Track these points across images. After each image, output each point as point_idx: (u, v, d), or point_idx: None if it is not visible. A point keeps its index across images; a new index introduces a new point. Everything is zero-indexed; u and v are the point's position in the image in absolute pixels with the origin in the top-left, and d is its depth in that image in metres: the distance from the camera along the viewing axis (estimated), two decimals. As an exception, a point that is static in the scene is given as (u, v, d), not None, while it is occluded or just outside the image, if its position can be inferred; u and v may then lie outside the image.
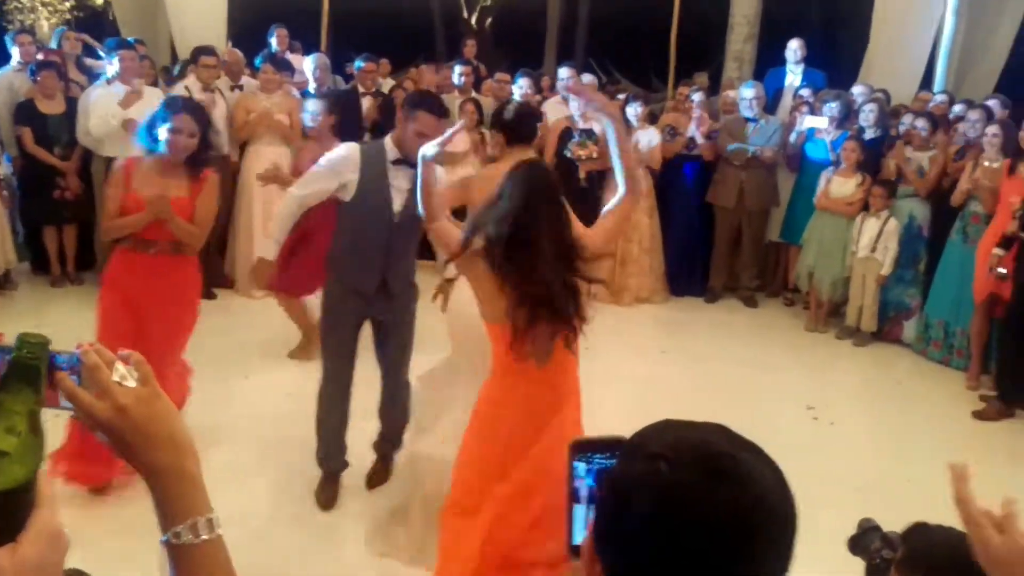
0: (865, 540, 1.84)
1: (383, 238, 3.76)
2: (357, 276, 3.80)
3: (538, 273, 2.64)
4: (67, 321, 6.33)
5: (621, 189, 2.94)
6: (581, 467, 1.04)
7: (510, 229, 2.65)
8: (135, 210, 3.80)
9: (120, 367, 1.01)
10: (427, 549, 3.41)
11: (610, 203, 2.99)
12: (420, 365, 4.15)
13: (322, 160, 3.76)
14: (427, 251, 4.45)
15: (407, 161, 3.65)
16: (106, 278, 4.02)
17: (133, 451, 1.01)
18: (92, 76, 7.28)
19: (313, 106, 5.72)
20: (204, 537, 1.00)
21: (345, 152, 3.71)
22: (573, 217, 2.87)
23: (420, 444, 3.80)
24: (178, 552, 1.00)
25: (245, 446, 4.59)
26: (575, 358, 2.92)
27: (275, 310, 6.79)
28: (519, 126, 3.80)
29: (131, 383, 1.01)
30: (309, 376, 5.47)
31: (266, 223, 6.97)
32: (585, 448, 1.06)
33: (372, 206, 3.69)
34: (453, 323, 3.83)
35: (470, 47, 9.36)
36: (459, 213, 3.84)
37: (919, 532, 1.74)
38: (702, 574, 0.87)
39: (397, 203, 3.72)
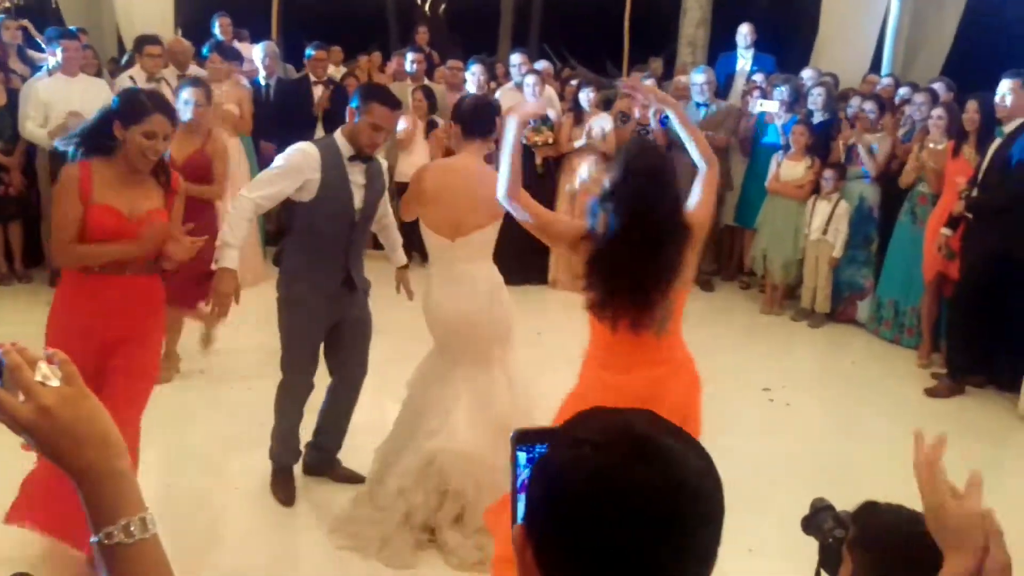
0: (818, 520, 1.86)
1: (346, 235, 3.71)
2: (322, 276, 3.73)
3: (658, 254, 2.76)
4: (15, 319, 6.20)
5: (701, 165, 3.01)
6: (523, 456, 1.05)
7: (631, 212, 2.73)
8: (101, 226, 3.09)
9: (43, 367, 0.98)
10: (486, 547, 3.37)
11: (697, 179, 3.03)
12: (407, 372, 4.07)
13: (279, 159, 3.61)
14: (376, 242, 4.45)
15: (360, 156, 3.65)
16: (56, 308, 3.27)
17: (59, 452, 0.98)
18: (34, 67, 7.10)
19: (188, 95, 5.00)
20: (138, 537, 0.98)
21: (305, 150, 3.59)
22: None
23: (435, 443, 3.69)
24: (111, 552, 0.98)
25: (203, 438, 4.53)
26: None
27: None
28: (475, 119, 3.76)
29: (54, 382, 0.98)
30: (267, 370, 5.43)
31: (219, 215, 6.90)
32: (527, 438, 1.06)
33: (335, 204, 3.63)
34: (432, 321, 3.82)
35: (422, 34, 9.30)
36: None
37: (869, 511, 1.76)
38: (628, 555, 0.88)
39: (357, 199, 3.69)
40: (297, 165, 3.56)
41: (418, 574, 3.48)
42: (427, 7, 15.97)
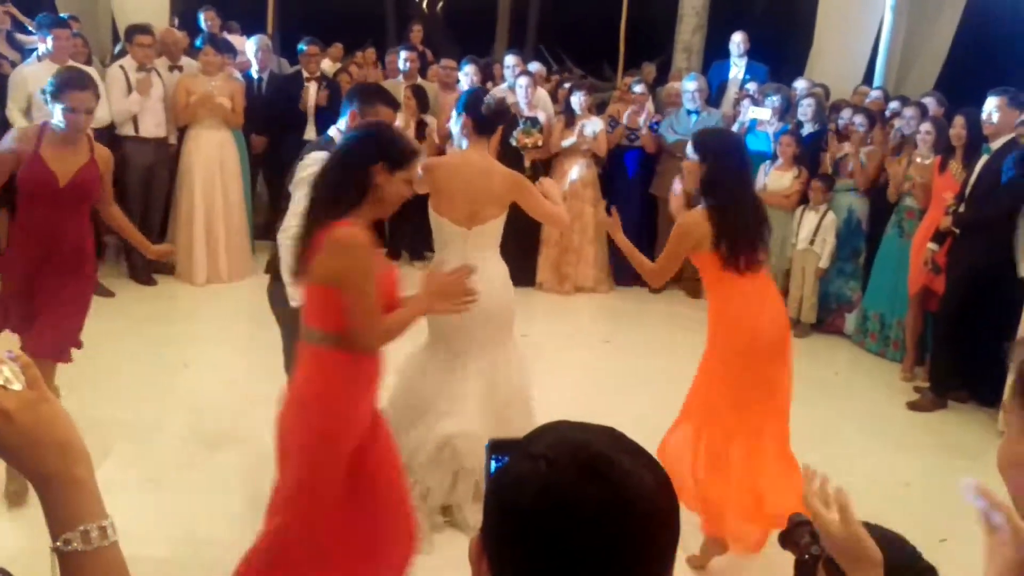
0: (795, 535, 1.86)
1: None
2: None
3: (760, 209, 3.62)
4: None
5: None
6: (494, 465, 1.06)
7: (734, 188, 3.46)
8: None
9: (5, 370, 0.98)
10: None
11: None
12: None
13: (302, 180, 3.43)
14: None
15: None
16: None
17: (19, 457, 0.97)
18: (25, 52, 7.05)
19: (72, 100, 3.97)
20: (97, 544, 0.98)
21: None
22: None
23: (447, 427, 3.72)
24: (69, 560, 0.97)
25: (184, 437, 4.51)
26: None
27: (216, 297, 6.72)
28: (491, 121, 3.86)
29: (16, 386, 0.97)
30: (252, 364, 5.43)
31: (208, 209, 6.88)
32: (501, 448, 1.07)
33: None
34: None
35: (417, 32, 9.28)
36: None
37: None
38: (578, 570, 0.89)
39: None
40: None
41: (436, 556, 3.49)
42: (424, 5, 15.96)
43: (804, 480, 1.39)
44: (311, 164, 3.41)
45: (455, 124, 3.93)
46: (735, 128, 7.27)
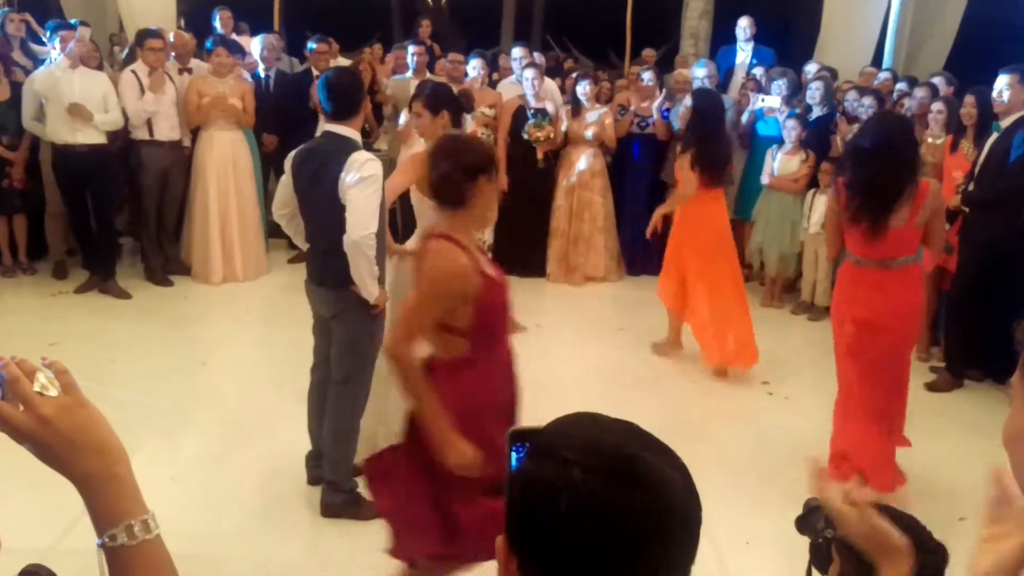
0: (810, 519, 1.89)
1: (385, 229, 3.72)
2: (382, 272, 3.71)
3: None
4: (20, 310, 6.26)
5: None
6: (515, 457, 1.07)
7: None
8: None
9: (42, 377, 1.02)
10: None
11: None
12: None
13: (363, 183, 3.44)
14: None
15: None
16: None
17: (60, 460, 1.02)
18: (38, 61, 7.11)
19: None
20: (141, 538, 1.02)
21: (376, 159, 3.54)
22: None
23: None
24: (116, 554, 1.02)
25: (204, 435, 4.56)
26: None
27: (232, 296, 6.78)
28: (460, 107, 4.06)
29: (53, 393, 1.02)
30: (268, 363, 5.48)
31: (222, 209, 6.93)
32: (521, 437, 1.07)
33: (383, 200, 3.62)
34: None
35: (425, 27, 9.28)
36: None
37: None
38: (611, 571, 0.91)
39: None
40: (381, 176, 3.53)
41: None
42: (430, -1, 15.96)
43: (815, 477, 1.40)
44: (367, 161, 3.44)
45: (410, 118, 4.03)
46: (744, 117, 7.27)
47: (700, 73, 7.25)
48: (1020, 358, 1.23)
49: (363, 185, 3.43)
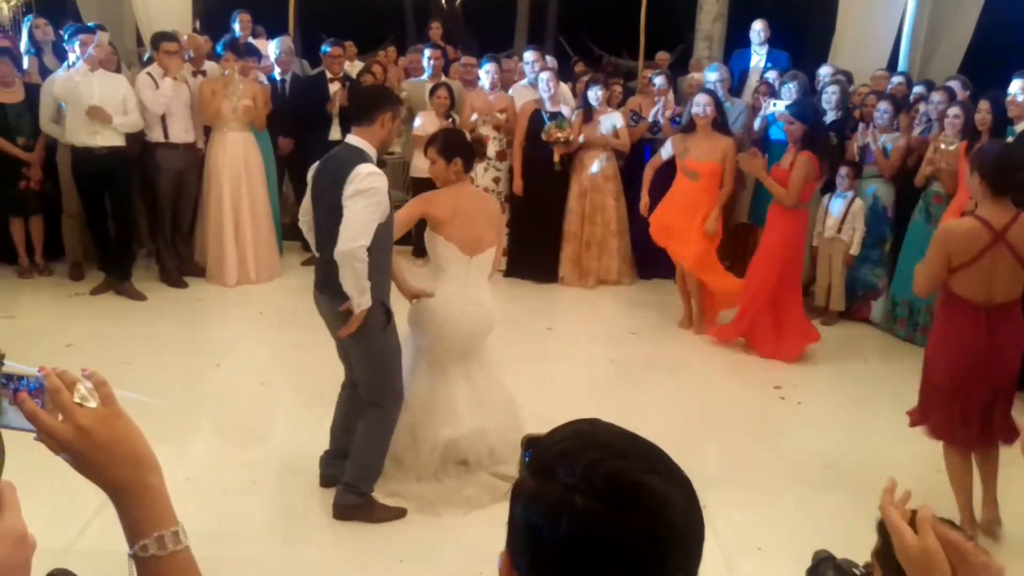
0: (819, 571, 1.90)
1: (391, 247, 3.75)
2: (385, 292, 3.72)
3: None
4: (37, 312, 6.32)
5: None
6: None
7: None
8: None
9: (81, 388, 1.04)
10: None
11: None
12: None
13: (373, 185, 3.47)
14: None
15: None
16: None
17: (96, 470, 1.04)
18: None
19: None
20: (171, 549, 1.04)
21: (379, 173, 3.54)
22: None
23: (446, 434, 4.07)
24: (146, 565, 1.04)
25: (218, 436, 4.59)
26: None
27: (246, 298, 6.82)
28: (473, 156, 4.08)
29: (92, 404, 1.04)
30: (282, 365, 5.51)
31: (235, 211, 6.97)
32: (535, 444, 1.08)
33: (389, 217, 3.64)
34: (444, 327, 3.97)
35: (436, 29, 9.30)
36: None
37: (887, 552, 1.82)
38: None
39: None
40: (383, 190, 3.54)
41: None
42: (443, 1, 15.99)
43: (884, 491, 1.39)
44: (368, 175, 3.45)
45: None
46: (757, 122, 7.23)
47: (712, 77, 7.22)
48: None
49: (359, 198, 3.44)
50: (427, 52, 7.92)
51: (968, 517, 3.81)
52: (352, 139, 3.65)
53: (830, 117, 6.86)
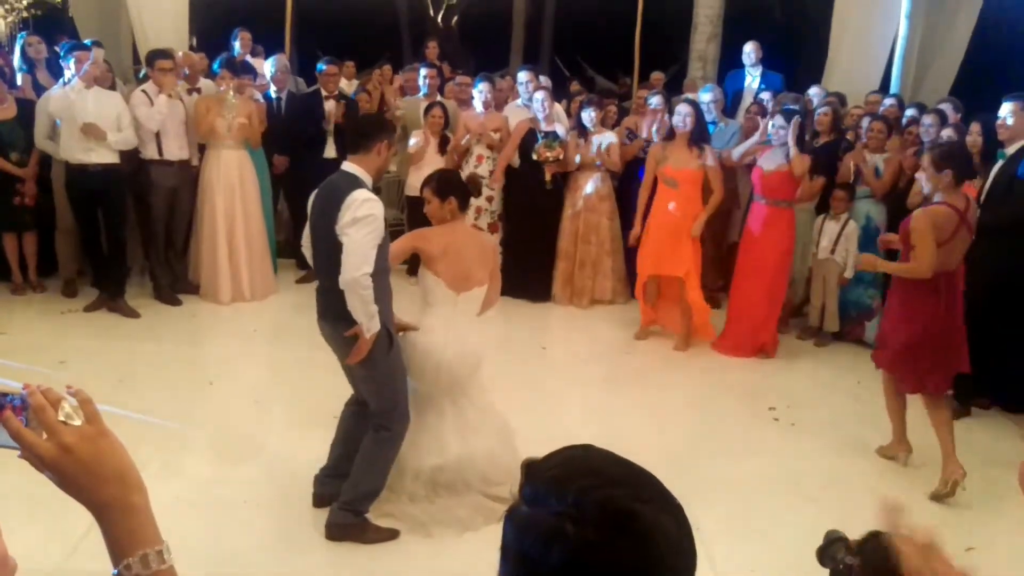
0: (831, 550, 1.91)
1: (388, 270, 3.76)
2: (388, 316, 3.74)
3: None
4: (30, 328, 6.29)
5: None
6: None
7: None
8: None
9: (66, 406, 1.04)
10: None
11: None
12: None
13: (370, 213, 3.49)
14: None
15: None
16: None
17: (80, 488, 1.04)
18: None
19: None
20: (155, 568, 1.04)
21: (376, 199, 3.56)
22: None
23: (431, 462, 4.06)
24: None
25: (212, 455, 4.56)
26: None
27: (240, 316, 6.80)
28: (468, 195, 4.13)
29: (77, 422, 1.04)
30: (276, 383, 5.49)
31: (229, 229, 6.96)
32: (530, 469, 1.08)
33: (385, 241, 3.66)
34: (428, 360, 3.98)
35: (432, 48, 9.34)
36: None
37: (873, 541, 1.82)
38: None
39: None
40: (380, 216, 3.56)
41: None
42: (439, 20, 16.08)
43: (887, 511, 1.40)
44: (365, 201, 3.47)
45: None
46: (754, 140, 7.17)
47: (706, 98, 7.25)
48: None
49: (359, 226, 3.46)
50: (423, 71, 7.95)
51: (900, 434, 4.88)
52: (348, 166, 3.67)
53: (823, 139, 6.88)
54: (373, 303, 3.51)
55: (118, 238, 6.67)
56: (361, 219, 3.46)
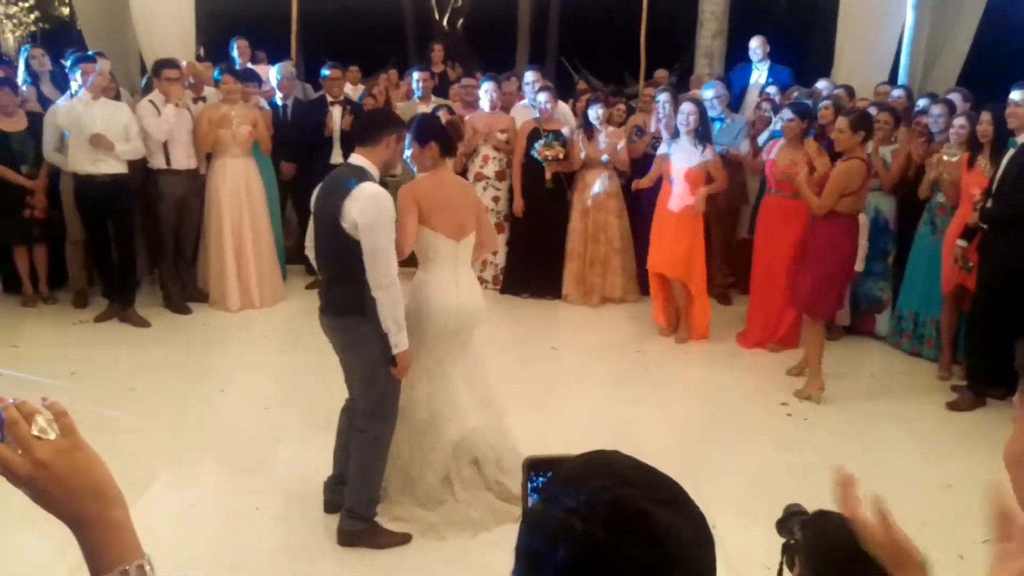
0: (788, 523, 1.94)
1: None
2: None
3: None
4: (41, 340, 6.31)
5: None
6: (531, 487, 1.06)
7: None
8: None
9: (40, 420, 1.01)
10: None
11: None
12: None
13: (383, 211, 3.49)
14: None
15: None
16: None
17: (56, 503, 1.01)
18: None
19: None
20: None
21: (387, 195, 3.56)
22: None
23: (453, 431, 4.10)
24: None
25: (222, 463, 4.57)
26: None
27: (249, 323, 6.81)
28: (452, 141, 4.18)
29: (51, 435, 1.01)
30: (286, 390, 5.50)
31: (237, 237, 6.97)
32: (539, 467, 1.06)
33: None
34: (435, 316, 4.01)
35: (438, 51, 9.34)
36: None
37: (819, 519, 1.84)
38: None
39: None
40: (392, 209, 3.56)
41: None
42: (445, 22, 16.09)
43: (840, 485, 1.38)
44: (375, 195, 3.45)
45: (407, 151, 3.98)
46: (764, 137, 7.12)
47: (709, 94, 7.19)
48: (1021, 378, 1.21)
49: (377, 228, 3.44)
50: (416, 75, 7.91)
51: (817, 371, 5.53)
52: (355, 158, 3.65)
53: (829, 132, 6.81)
54: (402, 311, 3.53)
55: (127, 248, 6.69)
56: (378, 220, 3.44)
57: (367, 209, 3.43)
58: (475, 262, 4.19)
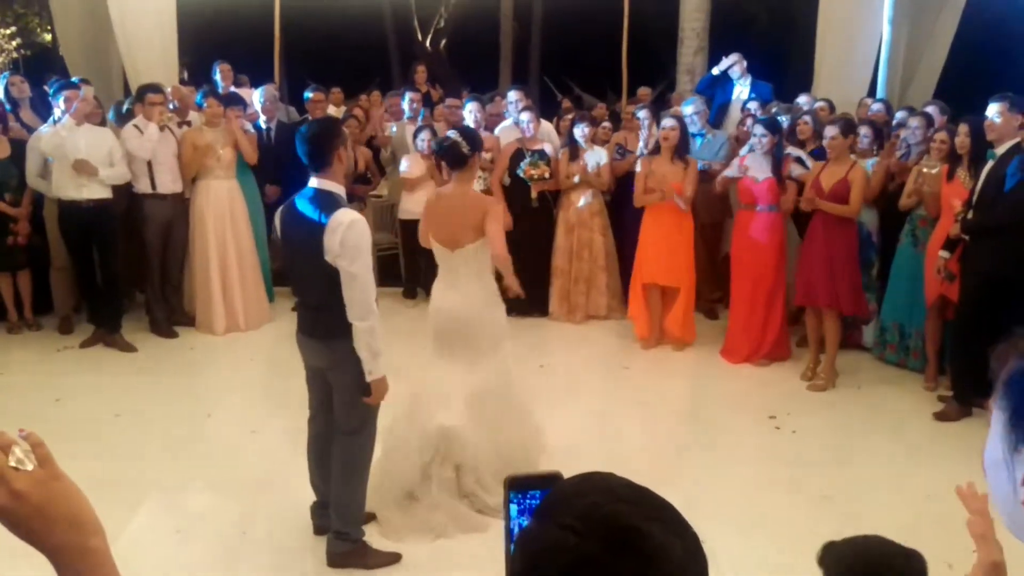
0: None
1: None
2: None
3: None
4: (26, 367, 6.27)
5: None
6: (514, 508, 1.06)
7: None
8: None
9: (17, 451, 1.01)
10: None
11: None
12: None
13: (363, 238, 3.49)
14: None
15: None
16: None
17: (32, 533, 1.00)
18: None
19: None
20: None
21: (363, 220, 3.55)
22: None
23: (439, 421, 4.28)
24: None
25: (210, 487, 4.53)
26: None
27: (235, 346, 6.79)
28: (464, 158, 4.30)
29: (28, 466, 1.01)
30: (273, 414, 5.47)
31: (222, 260, 6.96)
32: (520, 485, 1.06)
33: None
34: (433, 314, 4.39)
35: (420, 72, 9.38)
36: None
37: (828, 552, 1.87)
38: None
39: None
40: (369, 237, 3.57)
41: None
42: (427, 43, 16.17)
43: (971, 497, 1.46)
44: (352, 223, 3.44)
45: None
46: (744, 151, 7.16)
47: (688, 110, 7.25)
48: (996, 384, 1.23)
49: (356, 259, 3.44)
50: (408, 95, 7.97)
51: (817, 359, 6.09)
52: (317, 182, 3.59)
53: (809, 147, 6.86)
54: (379, 340, 3.54)
55: (112, 273, 6.67)
56: (357, 249, 3.44)
57: (347, 238, 3.42)
58: (493, 271, 4.42)
